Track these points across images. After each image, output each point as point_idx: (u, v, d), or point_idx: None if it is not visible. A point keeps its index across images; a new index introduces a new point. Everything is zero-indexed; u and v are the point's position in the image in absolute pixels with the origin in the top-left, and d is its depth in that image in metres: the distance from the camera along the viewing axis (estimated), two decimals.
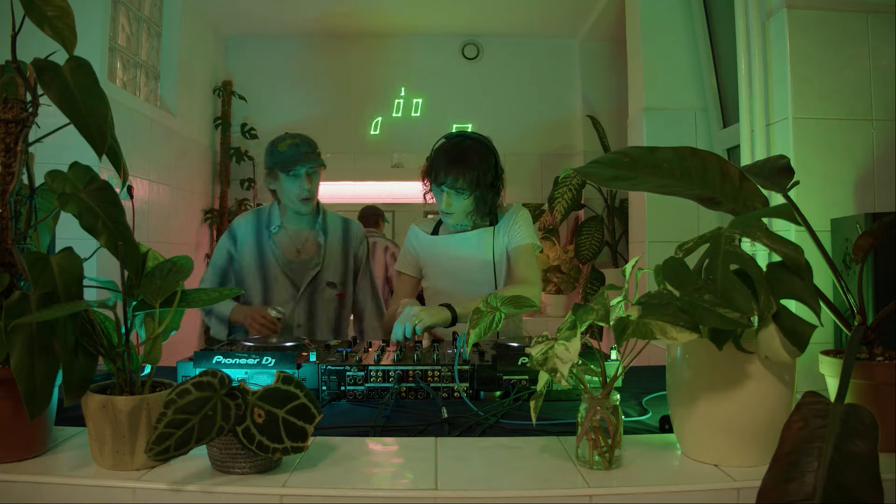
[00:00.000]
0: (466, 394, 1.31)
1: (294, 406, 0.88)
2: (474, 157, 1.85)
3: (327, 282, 2.07)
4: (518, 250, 1.93)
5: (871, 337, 1.00)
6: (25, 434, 0.91)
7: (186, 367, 1.31)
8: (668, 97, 2.74)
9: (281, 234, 2.07)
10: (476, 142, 1.89)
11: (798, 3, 1.65)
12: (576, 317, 0.92)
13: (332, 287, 2.08)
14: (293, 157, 1.98)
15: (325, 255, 2.08)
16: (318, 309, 2.07)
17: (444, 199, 1.87)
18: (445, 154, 1.86)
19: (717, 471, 0.89)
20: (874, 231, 1.02)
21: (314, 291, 2.06)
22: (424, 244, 2.03)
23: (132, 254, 0.93)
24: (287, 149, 2.00)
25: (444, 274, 1.98)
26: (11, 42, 0.92)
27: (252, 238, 2.06)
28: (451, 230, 2.00)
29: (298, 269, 2.05)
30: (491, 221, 1.96)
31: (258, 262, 2.04)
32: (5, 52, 0.93)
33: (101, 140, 0.88)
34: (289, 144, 2.01)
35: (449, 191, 1.85)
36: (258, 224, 2.08)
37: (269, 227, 2.06)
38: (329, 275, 2.08)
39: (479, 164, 1.85)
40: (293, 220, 2.09)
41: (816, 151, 1.63)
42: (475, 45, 4.72)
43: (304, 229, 2.10)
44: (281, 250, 2.05)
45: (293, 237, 2.08)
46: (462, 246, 1.96)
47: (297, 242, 2.08)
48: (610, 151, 1.50)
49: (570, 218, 4.44)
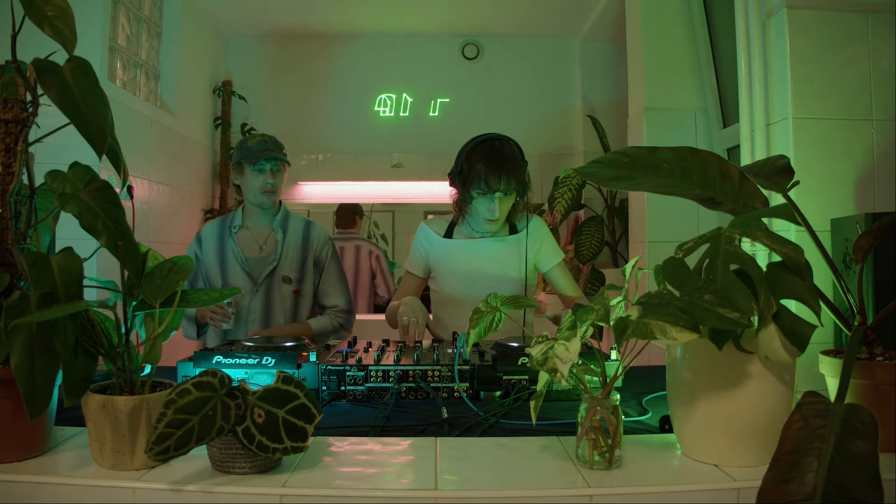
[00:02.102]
0: (466, 394, 1.31)
1: (294, 406, 0.88)
2: (517, 156, 1.82)
3: (283, 276, 2.14)
4: (561, 267, 1.96)
5: (871, 337, 1.00)
6: (25, 434, 0.91)
7: (186, 367, 1.31)
8: (668, 97, 2.74)
9: (241, 233, 2.17)
10: (509, 141, 1.85)
11: (798, 4, 1.65)
12: (576, 317, 0.92)
13: (288, 282, 2.15)
14: (259, 152, 2.09)
15: (283, 252, 2.15)
16: (274, 303, 2.14)
17: (496, 206, 1.80)
18: (489, 159, 1.78)
19: (717, 471, 0.89)
20: (874, 231, 1.02)
21: (270, 285, 2.13)
22: (438, 247, 1.97)
23: (132, 254, 0.93)
24: (255, 144, 2.12)
25: (461, 280, 1.93)
26: (11, 42, 0.92)
27: (215, 239, 2.17)
28: (467, 235, 1.96)
29: (256, 265, 2.14)
30: (510, 229, 1.95)
31: (219, 259, 2.14)
32: (5, 52, 0.93)
33: (101, 140, 0.88)
34: (257, 141, 2.13)
35: (501, 196, 1.79)
36: (221, 226, 2.20)
37: (230, 228, 2.17)
38: (285, 270, 2.15)
39: (522, 164, 1.83)
40: (255, 219, 2.18)
41: (816, 151, 1.63)
42: (475, 45, 4.72)
43: (264, 227, 2.19)
44: (240, 248, 2.14)
45: (254, 235, 2.18)
46: (488, 254, 1.91)
47: (259, 240, 2.18)
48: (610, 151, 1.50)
49: (570, 218, 4.44)
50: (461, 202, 1.88)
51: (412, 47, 4.68)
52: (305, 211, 4.55)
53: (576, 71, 4.68)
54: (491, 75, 4.70)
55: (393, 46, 4.68)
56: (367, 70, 4.68)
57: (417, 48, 4.68)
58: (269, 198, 2.12)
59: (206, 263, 2.15)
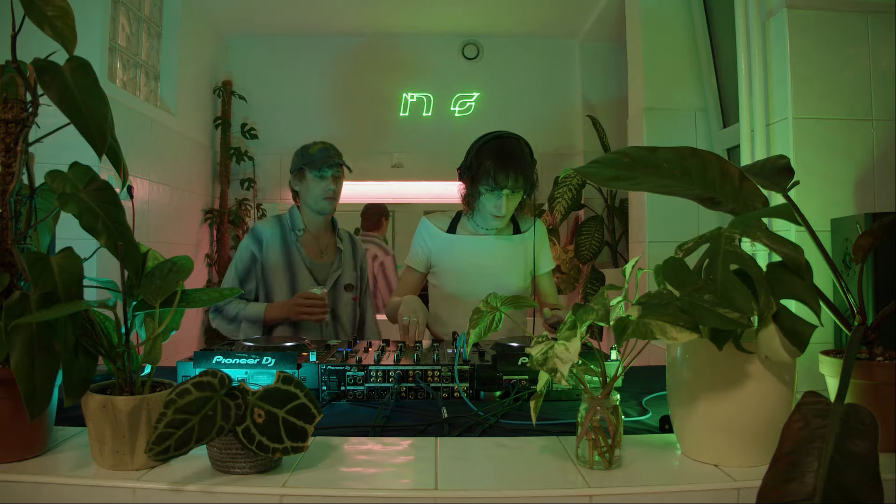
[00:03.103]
0: (466, 394, 1.31)
1: (294, 406, 0.88)
2: (526, 154, 1.84)
3: (346, 284, 2.18)
4: (548, 276, 1.99)
5: (871, 337, 1.00)
6: (25, 434, 0.91)
7: (186, 367, 1.31)
8: (668, 97, 2.74)
9: (304, 237, 2.17)
10: (519, 139, 1.87)
11: (798, 4, 1.65)
12: (576, 317, 0.92)
13: (350, 290, 2.19)
14: (322, 159, 2.10)
15: (343, 260, 2.20)
16: (339, 310, 2.16)
17: (503, 203, 1.82)
18: (498, 155, 1.80)
19: (717, 471, 0.89)
20: (874, 231, 1.02)
21: (336, 292, 2.16)
22: (440, 242, 1.98)
23: (132, 254, 0.93)
24: (317, 151, 2.13)
25: (464, 276, 1.94)
26: (11, 42, 0.92)
27: (278, 239, 2.14)
28: (471, 231, 1.97)
29: (322, 270, 2.15)
30: (514, 228, 1.96)
31: (285, 261, 2.12)
32: (5, 52, 0.93)
33: (101, 140, 0.88)
34: (319, 148, 2.15)
35: (509, 193, 1.82)
36: (282, 227, 2.18)
37: (293, 230, 2.16)
38: (347, 278, 2.19)
39: (531, 162, 1.85)
40: (314, 225, 2.19)
41: (816, 151, 1.63)
42: (475, 45, 4.72)
43: (323, 234, 2.21)
44: (306, 251, 2.15)
45: (315, 240, 2.19)
46: (493, 250, 1.93)
47: (320, 245, 2.19)
48: (610, 151, 1.50)
49: (570, 218, 4.44)
50: (469, 197, 1.91)
51: (412, 47, 4.68)
52: None
53: (576, 71, 4.68)
54: (491, 75, 4.70)
55: (393, 46, 4.67)
56: (366, 70, 4.68)
57: (417, 48, 4.68)
58: (331, 203, 2.13)
59: (269, 265, 2.10)
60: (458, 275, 1.95)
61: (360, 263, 2.28)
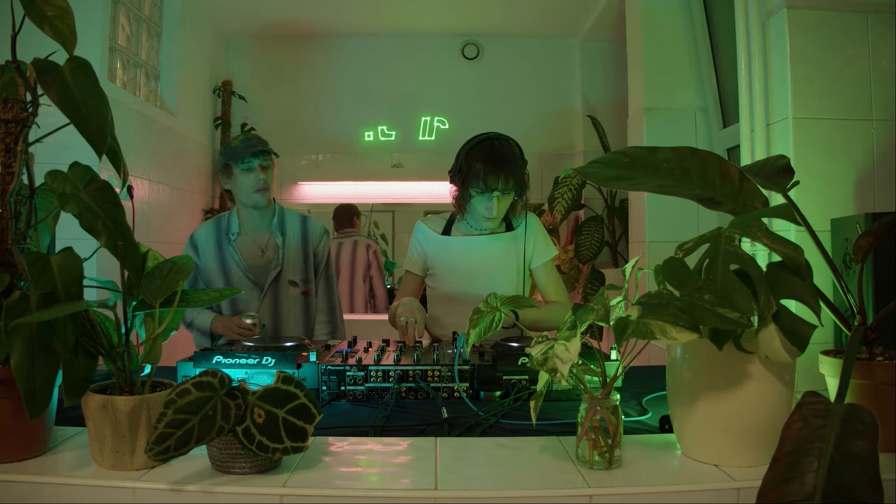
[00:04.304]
0: (466, 394, 1.31)
1: (294, 406, 0.88)
2: (516, 155, 1.83)
3: (289, 280, 2.10)
4: (547, 266, 1.96)
5: (871, 337, 1.00)
6: (25, 434, 0.91)
7: (186, 367, 1.31)
8: (668, 97, 2.74)
9: (241, 240, 2.10)
10: (509, 140, 1.86)
11: (798, 4, 1.65)
12: (576, 317, 0.92)
13: (295, 286, 2.10)
14: (244, 149, 2.02)
15: (285, 255, 2.10)
16: (282, 309, 2.09)
17: (494, 205, 1.82)
18: (488, 158, 1.79)
19: (717, 471, 0.89)
20: (874, 231, 1.02)
21: (277, 290, 2.08)
22: (435, 244, 1.98)
23: (132, 254, 0.93)
24: (239, 143, 2.05)
25: (459, 277, 1.94)
26: (11, 42, 0.92)
27: (213, 245, 2.09)
28: (465, 232, 1.97)
29: (260, 271, 2.08)
30: (507, 227, 1.96)
31: (220, 267, 2.06)
32: (5, 52, 0.93)
33: (101, 140, 0.88)
34: (240, 140, 2.06)
35: (499, 195, 1.81)
36: (218, 231, 2.11)
37: (228, 234, 2.09)
38: (290, 274, 2.10)
39: (522, 163, 1.84)
40: (252, 223, 2.11)
41: (816, 151, 1.63)
42: (475, 45, 4.72)
43: (263, 232, 2.12)
44: (241, 255, 2.08)
45: (254, 240, 2.11)
46: (486, 250, 1.92)
47: (260, 244, 2.11)
48: (610, 151, 1.50)
49: (570, 218, 4.44)
50: (460, 200, 1.90)
51: (412, 47, 4.68)
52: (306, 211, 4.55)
53: (576, 71, 4.68)
54: (491, 75, 4.70)
55: (393, 46, 4.67)
56: (366, 70, 4.68)
57: (417, 48, 4.68)
58: (264, 196, 2.05)
59: (207, 272, 2.07)
60: (453, 275, 1.95)
61: (314, 248, 2.16)
